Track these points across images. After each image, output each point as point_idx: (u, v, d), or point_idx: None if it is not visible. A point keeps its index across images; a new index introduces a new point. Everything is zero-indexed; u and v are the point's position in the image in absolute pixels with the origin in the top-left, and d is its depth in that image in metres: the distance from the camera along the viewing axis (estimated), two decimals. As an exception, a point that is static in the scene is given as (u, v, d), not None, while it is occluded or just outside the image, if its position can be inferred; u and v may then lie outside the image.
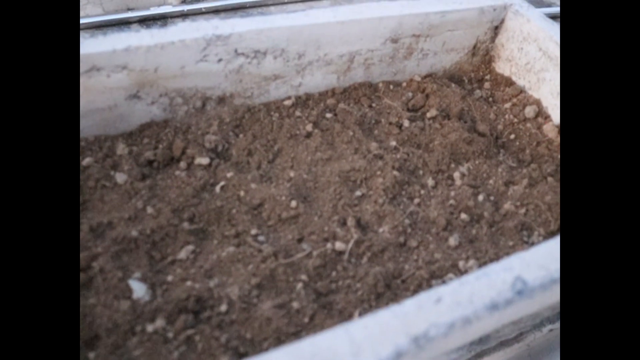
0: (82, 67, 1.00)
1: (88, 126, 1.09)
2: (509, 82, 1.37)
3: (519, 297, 0.71)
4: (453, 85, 1.34)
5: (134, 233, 0.97)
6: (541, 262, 0.75)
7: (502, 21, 1.33)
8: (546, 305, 0.81)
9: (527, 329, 1.15)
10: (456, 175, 1.16)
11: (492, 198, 1.12)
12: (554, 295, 0.77)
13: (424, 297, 0.69)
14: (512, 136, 1.26)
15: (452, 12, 1.26)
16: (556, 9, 2.74)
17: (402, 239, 1.02)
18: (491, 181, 1.15)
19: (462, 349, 1.00)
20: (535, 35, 1.26)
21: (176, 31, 1.06)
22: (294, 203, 1.05)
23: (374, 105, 1.29)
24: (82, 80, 1.02)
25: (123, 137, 1.12)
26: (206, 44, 1.08)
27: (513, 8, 1.30)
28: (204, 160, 1.11)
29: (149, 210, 1.01)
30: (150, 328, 0.85)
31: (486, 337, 1.02)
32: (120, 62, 1.02)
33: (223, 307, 0.88)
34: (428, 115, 1.27)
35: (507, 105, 1.33)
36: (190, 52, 1.08)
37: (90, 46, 1.00)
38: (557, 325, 1.44)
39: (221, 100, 1.19)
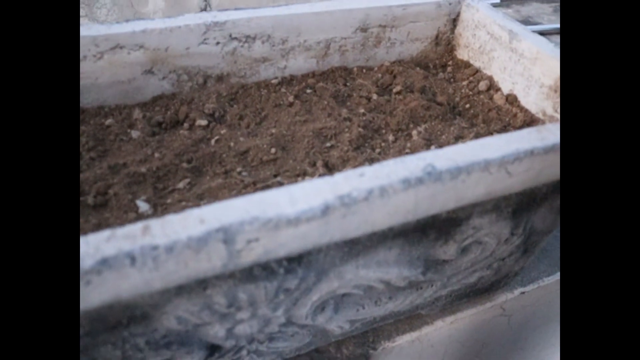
0: (109, 44, 1.28)
1: (111, 95, 1.36)
2: (468, 65, 1.59)
3: (428, 177, 0.90)
4: (418, 68, 1.57)
5: (143, 170, 1.21)
6: (450, 156, 0.95)
7: (459, 14, 1.58)
8: (464, 201, 0.99)
9: (484, 273, 1.32)
10: (414, 132, 1.37)
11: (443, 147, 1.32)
12: (466, 188, 0.96)
13: (350, 172, 0.89)
14: (467, 105, 1.47)
15: (412, 5, 1.51)
16: (541, 27, 2.99)
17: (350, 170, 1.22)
18: (444, 137, 1.36)
19: (412, 264, 1.17)
20: (484, 22, 1.49)
21: (183, 18, 1.34)
22: (273, 150, 1.28)
23: (348, 84, 1.53)
24: (108, 56, 1.30)
25: (139, 105, 1.39)
26: (206, 29, 1.35)
27: (466, 2, 1.54)
28: (203, 122, 1.36)
29: (156, 155, 1.26)
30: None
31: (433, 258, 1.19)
32: (138, 42, 1.30)
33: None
34: (394, 90, 1.50)
35: (465, 82, 1.55)
36: (194, 35, 1.35)
37: (115, 28, 1.28)
38: (529, 288, 1.60)
39: (219, 78, 1.45)
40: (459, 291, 1.34)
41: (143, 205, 1.17)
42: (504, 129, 1.39)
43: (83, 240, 0.78)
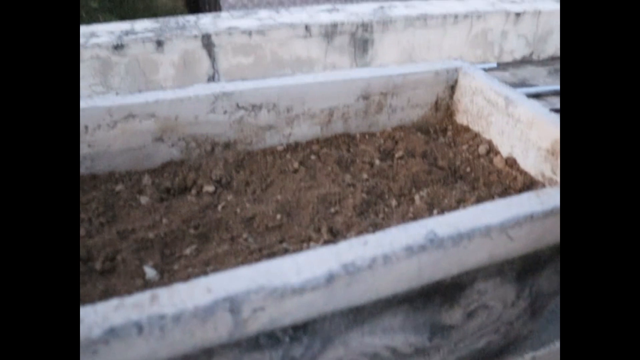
0: (122, 114, 1.34)
1: (122, 162, 1.40)
2: (467, 129, 1.64)
3: (430, 244, 0.92)
4: (419, 133, 1.62)
5: (151, 235, 1.23)
6: (452, 222, 0.97)
7: (456, 81, 1.64)
8: (467, 266, 1.01)
9: (492, 337, 1.31)
10: (416, 197, 1.40)
11: (444, 212, 1.34)
12: (468, 253, 0.98)
13: (354, 241, 0.92)
14: (468, 169, 1.51)
15: (411, 74, 1.57)
16: (537, 89, 3.08)
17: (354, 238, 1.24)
18: (446, 200, 1.38)
19: (418, 330, 1.17)
20: (481, 88, 1.55)
21: (193, 89, 1.40)
22: (278, 216, 1.30)
23: (351, 150, 1.58)
24: (121, 124, 1.35)
25: (148, 171, 1.43)
26: (215, 99, 1.41)
27: (462, 70, 1.61)
28: (210, 189, 1.39)
29: (164, 221, 1.29)
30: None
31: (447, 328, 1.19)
32: (150, 111, 1.36)
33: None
34: (396, 155, 1.54)
35: (465, 146, 1.59)
36: (203, 104, 1.41)
37: (129, 98, 1.34)
38: (540, 352, 1.58)
39: (227, 145, 1.50)
40: (467, 357, 1.32)
41: (150, 272, 1.19)
42: (505, 191, 1.41)
43: (91, 309, 0.80)
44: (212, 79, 2.85)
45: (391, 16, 3.37)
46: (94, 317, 0.77)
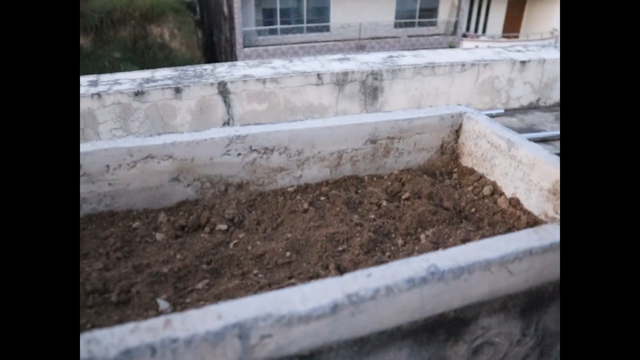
0: (142, 155, 1.41)
1: (140, 200, 1.47)
2: (472, 172, 1.70)
3: (431, 277, 0.97)
4: (425, 176, 1.68)
5: (165, 270, 1.28)
6: (452, 257, 1.01)
7: (461, 125, 1.71)
8: (469, 300, 1.04)
9: None
10: (422, 236, 1.44)
11: (449, 251, 1.38)
12: (469, 287, 1.02)
13: (358, 273, 0.96)
14: (473, 209, 1.55)
15: (417, 119, 1.65)
16: (544, 134, 3.15)
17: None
18: (451, 240, 1.42)
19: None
20: (484, 132, 1.61)
21: (208, 132, 1.48)
22: (288, 253, 1.35)
23: (359, 191, 1.64)
24: (140, 165, 1.43)
25: (164, 210, 1.50)
26: (229, 141, 1.49)
27: (466, 115, 1.68)
28: (223, 227, 1.45)
29: (178, 256, 1.34)
30: (170, 330, 1.12)
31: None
32: (168, 152, 1.44)
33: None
34: (403, 197, 1.60)
35: (470, 188, 1.64)
36: (218, 147, 1.49)
37: (149, 140, 1.42)
38: None
39: (240, 186, 1.56)
40: (472, 396, 1.32)
41: (163, 304, 1.23)
42: (509, 231, 1.45)
43: (108, 331, 0.85)
44: (227, 124, 2.96)
45: (400, 65, 3.49)
46: (111, 339, 0.82)
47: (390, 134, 1.66)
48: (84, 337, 0.82)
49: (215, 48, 17.66)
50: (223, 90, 2.88)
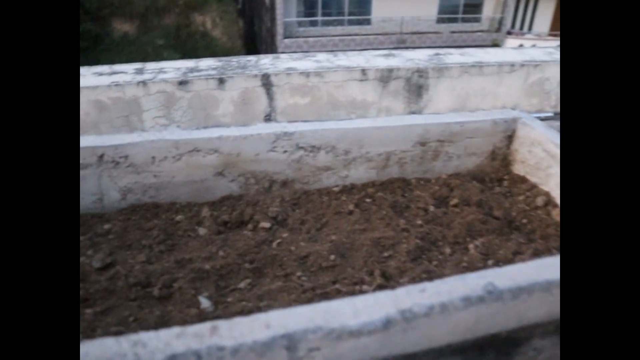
0: (188, 148, 1.40)
1: (184, 193, 1.46)
2: (524, 180, 1.62)
3: (489, 296, 0.91)
4: (474, 182, 1.61)
5: (207, 267, 1.27)
6: (511, 276, 0.96)
7: (514, 131, 1.64)
8: (525, 321, 0.98)
9: None
10: (471, 246, 1.38)
11: (500, 264, 1.32)
12: (527, 308, 0.96)
13: (412, 287, 0.92)
14: (524, 220, 1.49)
15: (469, 122, 1.58)
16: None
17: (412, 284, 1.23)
18: (501, 252, 1.36)
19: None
20: (539, 140, 1.54)
21: (255, 128, 1.46)
22: (332, 257, 1.32)
23: (406, 195, 1.59)
24: (186, 158, 1.41)
25: (208, 204, 1.48)
26: (276, 138, 1.46)
27: (521, 120, 1.61)
28: (266, 225, 1.43)
29: (220, 253, 1.32)
30: (211, 329, 1.10)
31: None
32: (214, 146, 1.42)
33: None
34: (451, 203, 1.54)
35: (521, 197, 1.57)
36: (264, 143, 1.46)
37: (195, 134, 1.40)
38: None
39: (284, 183, 1.54)
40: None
41: (205, 302, 1.21)
42: (563, 247, 1.38)
43: (154, 334, 0.83)
44: (268, 117, 2.94)
45: (447, 63, 3.40)
46: (157, 343, 0.80)
47: (440, 136, 1.60)
48: (130, 339, 0.80)
49: (256, 38, 17.74)
50: (266, 82, 2.85)
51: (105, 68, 2.82)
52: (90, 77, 2.65)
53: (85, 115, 2.58)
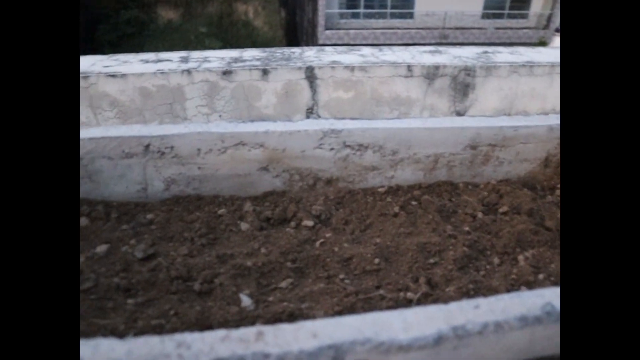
0: (233, 141, 1.38)
1: (227, 187, 1.45)
2: (579, 192, 1.55)
3: (547, 317, 0.86)
4: (525, 189, 1.55)
5: (249, 263, 1.25)
6: (571, 296, 0.90)
7: (572, 140, 1.56)
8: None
9: None
10: (520, 257, 1.32)
11: (552, 278, 1.26)
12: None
13: (465, 303, 0.87)
14: (578, 234, 1.41)
15: (523, 127, 1.51)
16: None
17: (465, 299, 1.18)
18: (553, 265, 1.30)
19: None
20: (600, 151, 1.46)
21: (302, 124, 1.43)
22: (377, 260, 1.28)
23: (453, 199, 1.53)
24: (231, 151, 1.40)
25: (250, 199, 1.46)
26: (323, 135, 1.43)
27: (580, 129, 1.53)
28: (309, 223, 1.40)
29: (263, 250, 1.30)
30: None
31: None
32: (259, 141, 1.40)
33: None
34: (500, 210, 1.48)
35: (576, 209, 1.49)
36: (311, 139, 1.43)
37: (241, 127, 1.38)
38: None
39: (329, 181, 1.50)
40: None
41: (246, 300, 1.20)
42: (621, 264, 1.30)
43: (199, 336, 0.81)
44: (311, 110, 2.91)
45: (495, 61, 3.29)
46: (201, 345, 0.78)
47: (492, 140, 1.53)
48: (174, 339, 0.79)
49: (297, 28, 17.72)
50: (310, 75, 2.81)
51: (151, 56, 2.83)
52: (136, 64, 2.67)
53: (130, 102, 2.60)
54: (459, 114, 3.26)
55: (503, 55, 3.44)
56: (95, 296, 1.18)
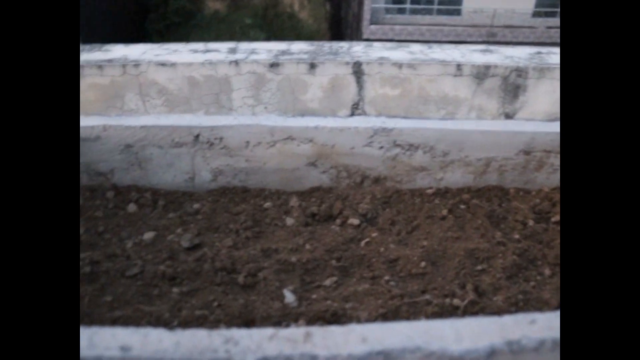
0: (282, 135, 1.37)
1: (273, 180, 1.44)
2: (639, 204, 1.47)
3: (608, 337, 0.82)
4: (581, 199, 1.48)
5: (293, 259, 1.24)
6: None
7: (634, 150, 1.48)
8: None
9: None
10: (574, 270, 1.27)
11: (608, 294, 1.20)
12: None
13: (520, 317, 0.84)
14: (637, 249, 1.34)
15: (583, 135, 1.45)
16: None
17: (513, 310, 1.14)
18: (609, 281, 1.24)
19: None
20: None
21: (353, 120, 1.41)
22: (423, 263, 1.25)
23: (503, 205, 1.48)
24: (279, 145, 1.39)
25: (296, 194, 1.46)
26: (373, 133, 1.40)
27: (644, 138, 1.45)
28: (355, 221, 1.38)
29: (307, 246, 1.29)
30: (292, 325, 1.07)
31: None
32: (309, 136, 1.38)
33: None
34: (552, 219, 1.42)
35: (634, 223, 1.42)
36: (361, 137, 1.41)
37: (291, 121, 1.38)
38: None
39: (376, 180, 1.48)
40: None
41: (289, 296, 1.19)
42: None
43: (246, 333, 0.80)
44: (356, 105, 2.87)
45: (549, 63, 3.18)
46: (249, 343, 0.77)
47: (547, 146, 1.48)
48: (222, 334, 0.79)
49: (342, 22, 17.64)
50: (357, 70, 2.78)
51: (200, 45, 2.86)
52: (185, 53, 2.69)
53: (178, 91, 2.63)
54: (508, 116, 3.16)
55: (557, 56, 3.32)
56: (142, 282, 1.20)
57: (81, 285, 1.15)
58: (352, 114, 2.62)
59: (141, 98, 2.65)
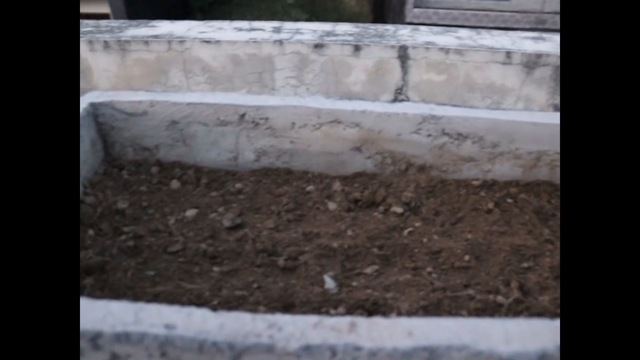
0: (329, 118, 1.35)
1: (317, 163, 1.42)
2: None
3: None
4: (637, 199, 1.41)
5: (335, 245, 1.23)
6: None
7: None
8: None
9: None
10: (627, 273, 1.21)
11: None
12: None
13: (575, 320, 0.80)
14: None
15: None
16: None
17: (559, 311, 1.10)
18: (664, 287, 1.18)
19: None
20: None
21: (402, 106, 1.37)
22: (467, 257, 1.22)
23: (552, 201, 1.43)
24: (325, 128, 1.37)
25: (339, 178, 1.43)
26: (422, 120, 1.37)
27: None
28: (398, 210, 1.35)
29: (349, 232, 1.27)
30: (332, 312, 1.06)
31: None
32: (356, 120, 1.36)
33: (392, 315, 1.06)
34: (606, 219, 1.36)
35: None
36: (409, 124, 1.37)
37: (339, 104, 1.35)
38: None
39: (421, 168, 1.44)
40: None
41: (330, 282, 1.18)
42: None
43: (290, 319, 0.79)
44: (399, 90, 2.82)
45: (605, 55, 3.04)
46: (293, 329, 0.77)
47: (605, 143, 1.41)
48: (266, 319, 0.78)
49: (384, 5, 17.35)
50: (403, 54, 2.73)
51: (244, 24, 2.85)
52: (230, 31, 2.69)
53: (221, 69, 2.63)
54: (557, 108, 3.06)
55: (613, 48, 3.18)
56: (183, 259, 1.21)
57: (125, 259, 1.17)
58: (395, 99, 2.58)
59: (185, 75, 2.66)
